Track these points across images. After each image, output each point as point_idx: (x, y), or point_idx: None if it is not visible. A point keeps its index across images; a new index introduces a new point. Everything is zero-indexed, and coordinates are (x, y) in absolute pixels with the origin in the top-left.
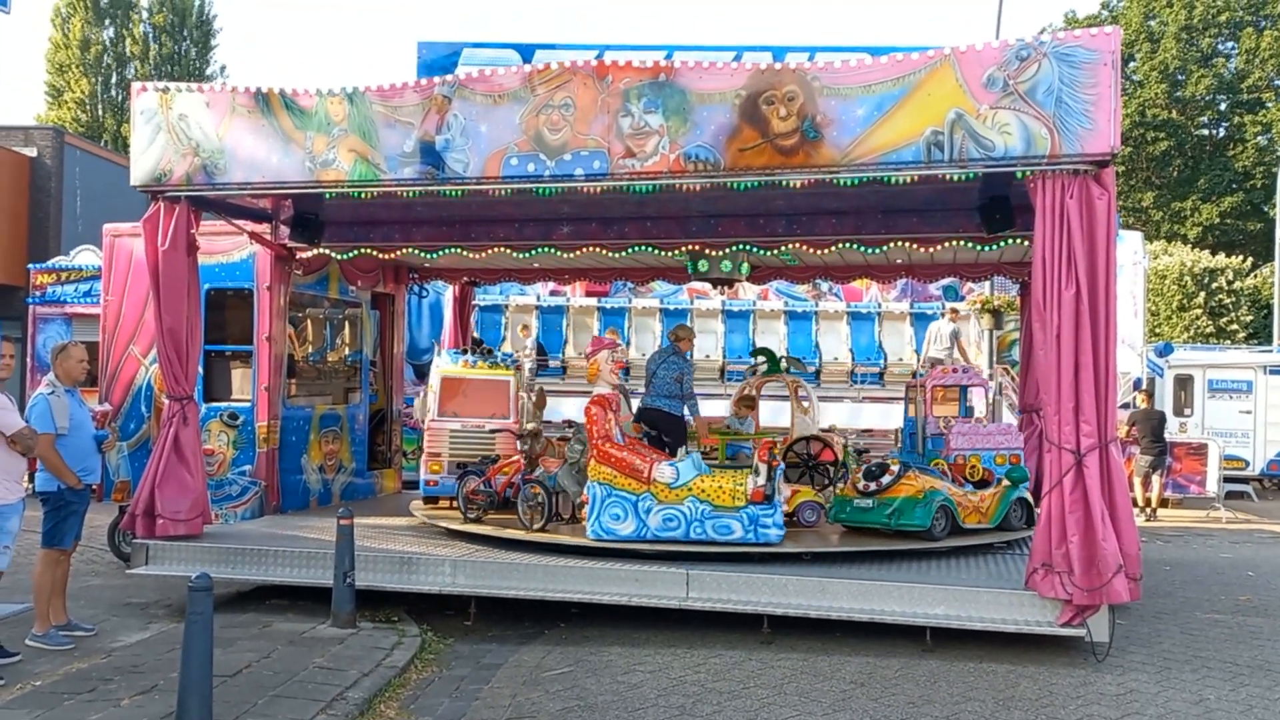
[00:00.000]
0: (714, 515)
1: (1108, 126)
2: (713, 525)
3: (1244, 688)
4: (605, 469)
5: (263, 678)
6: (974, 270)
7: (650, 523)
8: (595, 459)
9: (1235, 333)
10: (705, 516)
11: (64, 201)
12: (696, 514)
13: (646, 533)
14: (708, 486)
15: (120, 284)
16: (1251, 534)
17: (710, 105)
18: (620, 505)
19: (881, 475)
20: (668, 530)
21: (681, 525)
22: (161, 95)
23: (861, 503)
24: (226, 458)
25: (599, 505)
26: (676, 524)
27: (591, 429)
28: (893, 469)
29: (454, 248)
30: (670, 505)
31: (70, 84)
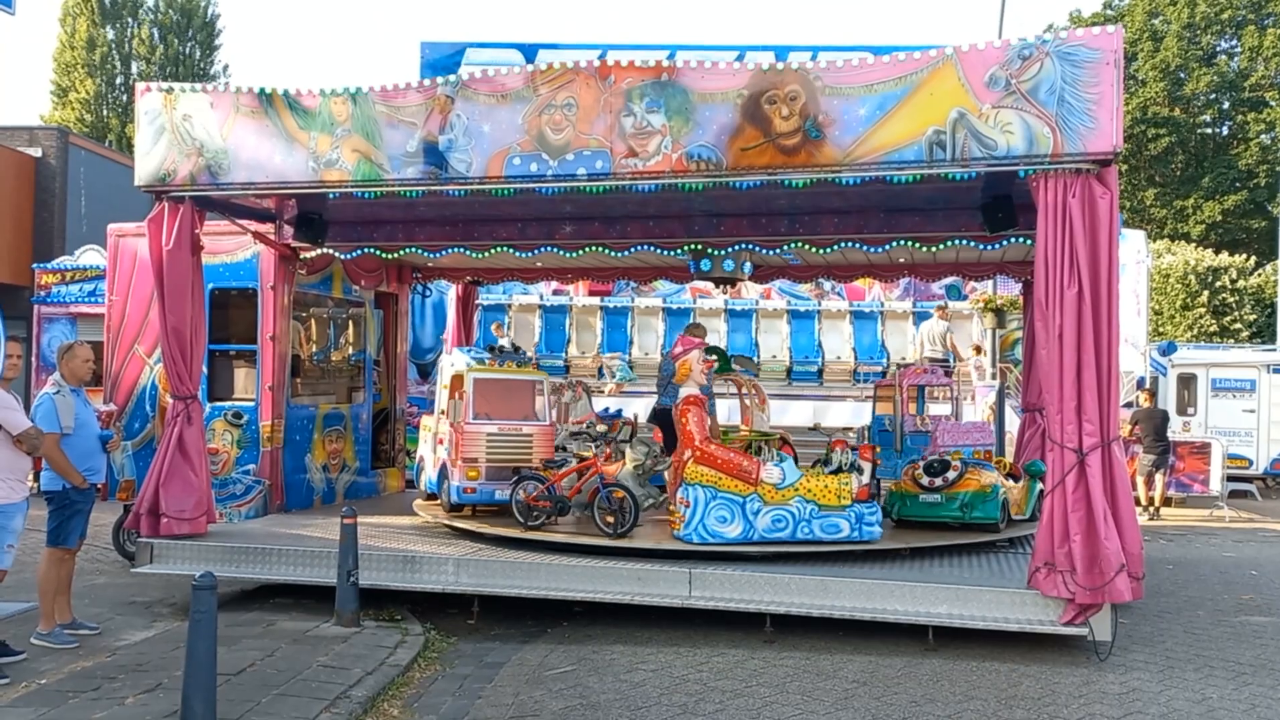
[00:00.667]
0: (821, 515)
1: (1110, 125)
2: (820, 525)
3: (1247, 687)
4: (708, 471)
5: (266, 676)
6: (976, 269)
7: (758, 524)
8: (696, 460)
9: (1239, 332)
10: (813, 516)
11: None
12: (804, 514)
13: (754, 534)
14: (813, 486)
15: (125, 284)
16: (1255, 533)
17: (712, 105)
18: (727, 507)
19: (945, 471)
20: (776, 531)
21: (789, 526)
22: (165, 96)
23: (928, 498)
24: (230, 457)
25: (702, 508)
26: (785, 524)
27: (692, 430)
28: (955, 465)
29: (457, 247)
30: (778, 506)
31: (76, 84)
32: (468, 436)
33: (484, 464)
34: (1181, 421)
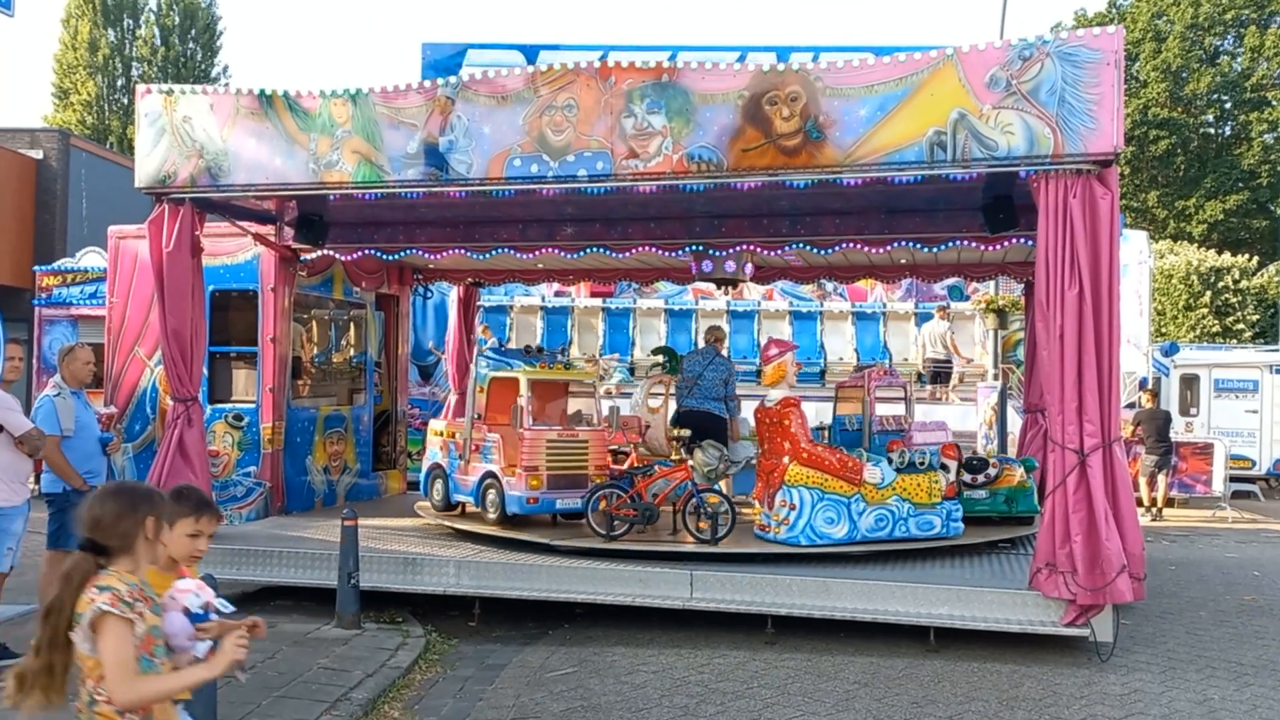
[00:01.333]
0: (917, 513)
1: (1110, 126)
2: (916, 523)
3: (1249, 688)
4: (813, 472)
5: (267, 678)
6: (978, 270)
7: (862, 524)
8: (803, 462)
9: (1241, 332)
10: (910, 514)
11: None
12: (902, 512)
13: (857, 534)
14: (908, 485)
15: (125, 286)
16: (1257, 533)
17: (713, 106)
18: (834, 508)
19: (986, 468)
20: (877, 530)
21: (889, 524)
22: (166, 98)
23: (974, 494)
24: (231, 459)
25: (809, 510)
26: (885, 523)
27: (796, 432)
28: (994, 463)
29: (458, 249)
30: (880, 505)
31: (77, 86)
32: (529, 443)
33: (544, 472)
34: (1184, 422)
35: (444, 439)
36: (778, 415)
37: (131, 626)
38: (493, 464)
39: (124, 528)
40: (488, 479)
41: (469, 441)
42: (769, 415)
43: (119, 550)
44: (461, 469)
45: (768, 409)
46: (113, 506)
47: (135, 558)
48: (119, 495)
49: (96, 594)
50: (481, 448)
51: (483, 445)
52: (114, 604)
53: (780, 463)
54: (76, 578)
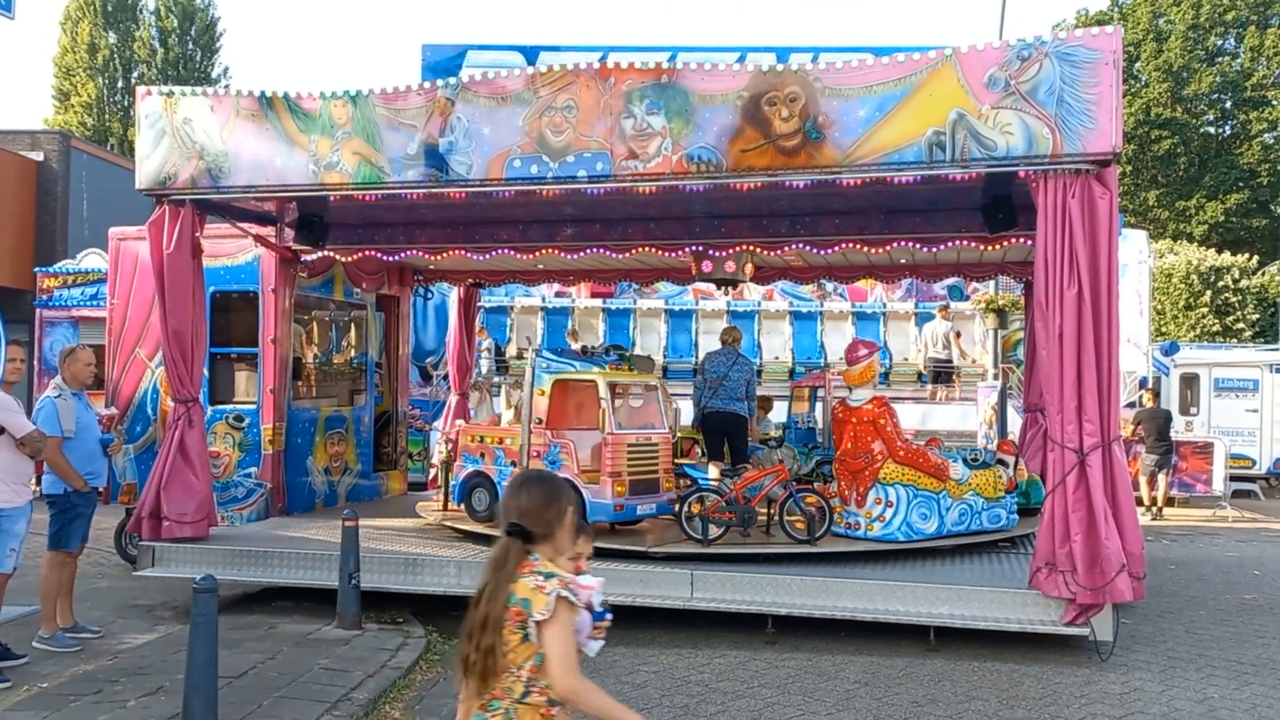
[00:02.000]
0: (989, 506)
1: (1109, 126)
2: (987, 515)
3: (1248, 686)
4: (908, 470)
5: (268, 679)
6: (977, 270)
7: (948, 519)
8: (900, 460)
9: (1241, 331)
10: (983, 508)
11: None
12: (978, 506)
13: (943, 528)
14: (980, 481)
15: (126, 287)
16: (1258, 533)
17: (712, 106)
18: (926, 504)
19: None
20: (959, 524)
21: (969, 518)
22: (166, 99)
23: None
24: (232, 460)
25: (905, 507)
26: (965, 518)
27: (891, 431)
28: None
29: (458, 249)
30: (961, 500)
31: (77, 88)
32: (614, 448)
33: (627, 477)
34: (1184, 421)
35: (485, 444)
36: (870, 415)
37: (576, 616)
38: (562, 470)
39: (548, 516)
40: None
41: (528, 447)
42: (857, 414)
43: (542, 538)
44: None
45: (855, 408)
46: (539, 494)
47: (555, 547)
48: (543, 483)
49: (543, 580)
50: (544, 454)
51: (546, 452)
52: (567, 589)
53: (871, 461)
54: (511, 563)
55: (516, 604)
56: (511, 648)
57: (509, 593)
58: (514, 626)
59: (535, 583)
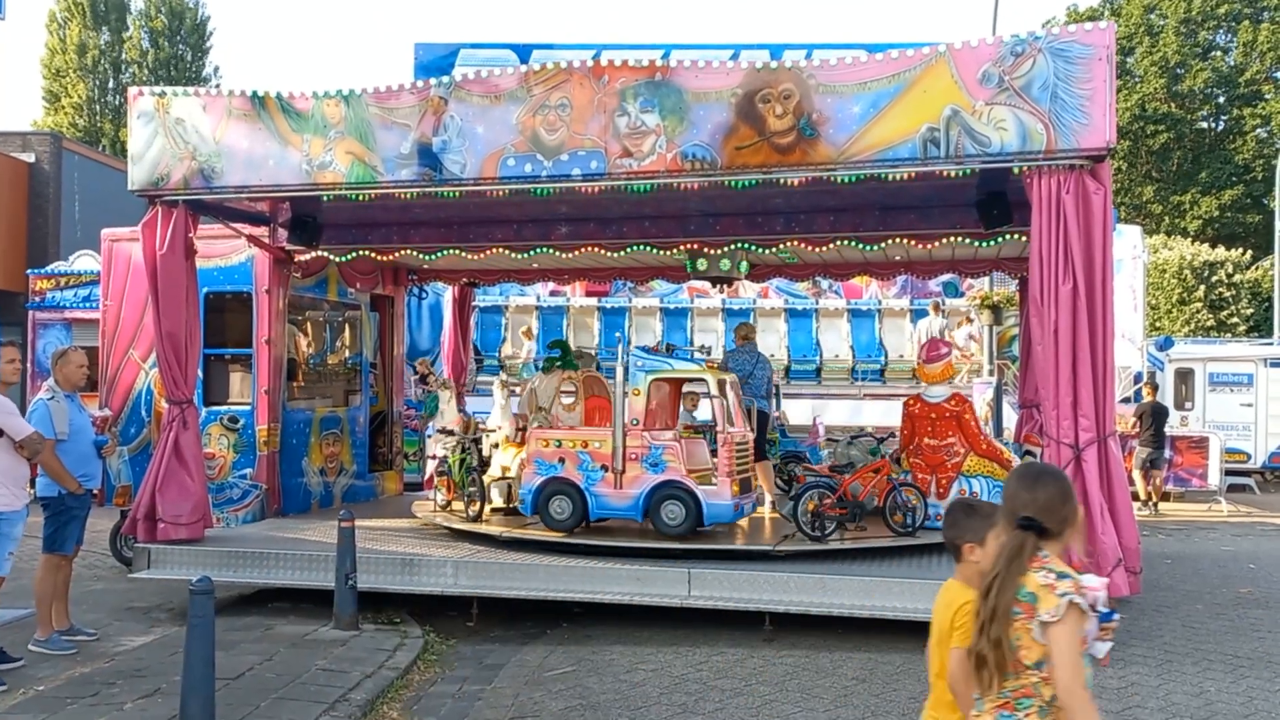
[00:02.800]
0: None
1: (1103, 121)
2: None
3: (1245, 680)
4: (988, 462)
5: (265, 680)
6: (973, 266)
7: None
8: (979, 453)
9: (1236, 326)
10: None
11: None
12: None
13: None
14: None
15: (119, 288)
16: (1253, 527)
17: (706, 104)
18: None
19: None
20: None
21: None
22: (158, 99)
23: None
24: (227, 461)
25: (986, 497)
26: None
27: (973, 426)
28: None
29: (452, 249)
30: None
31: (67, 89)
32: (730, 447)
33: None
34: (1179, 416)
35: (565, 449)
36: (952, 410)
37: (1086, 622)
38: (668, 473)
39: (1065, 513)
40: (663, 491)
41: (623, 450)
42: (937, 409)
43: (1054, 535)
44: (610, 482)
45: (935, 403)
46: (1055, 490)
47: (1062, 544)
48: (1058, 479)
49: (1055, 579)
50: (644, 457)
51: (646, 454)
52: (1079, 594)
53: (953, 454)
54: (1025, 556)
55: (1025, 598)
56: (1024, 644)
57: (1018, 585)
58: (1025, 622)
59: (1046, 580)
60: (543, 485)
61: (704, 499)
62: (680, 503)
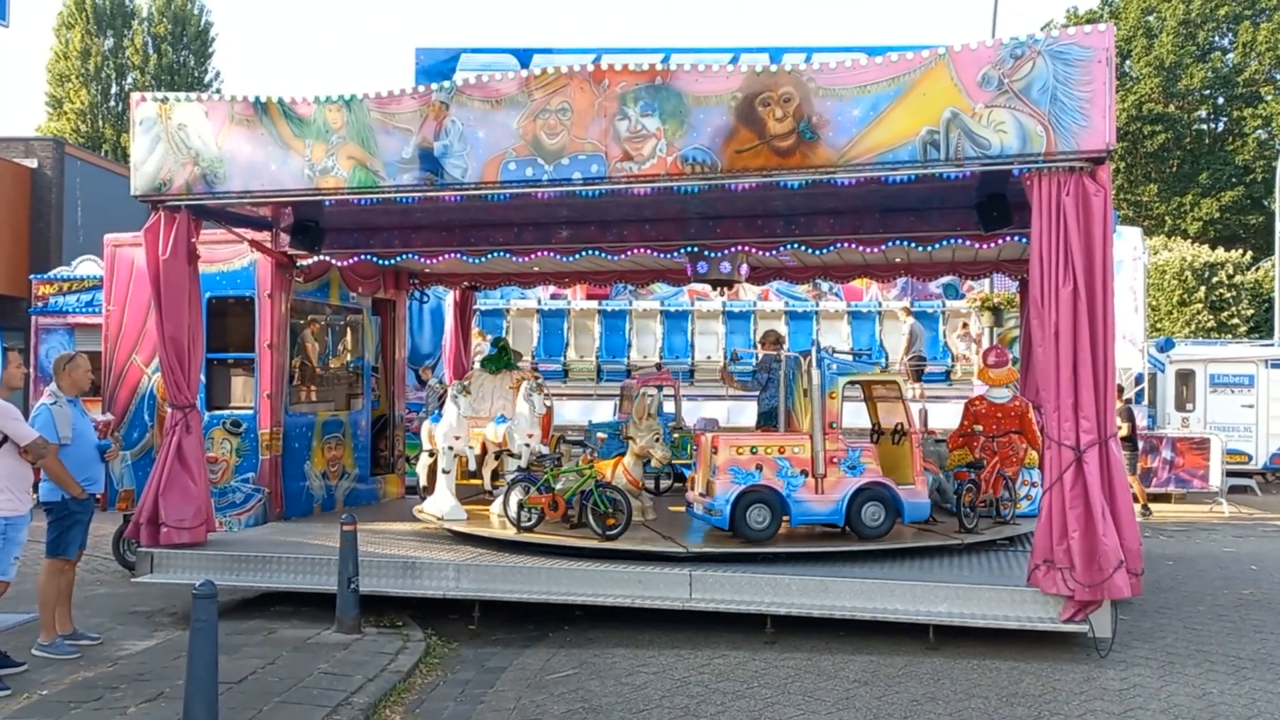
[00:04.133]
0: None
1: (1103, 123)
2: None
3: (1247, 681)
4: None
5: (268, 684)
6: (973, 268)
7: None
8: (1036, 448)
9: (1236, 327)
10: None
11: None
12: None
13: None
14: None
15: (122, 293)
16: (1254, 527)
17: (706, 107)
18: None
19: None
20: None
21: None
22: (160, 105)
23: None
24: (230, 465)
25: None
26: None
27: (1036, 424)
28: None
29: (454, 253)
30: None
31: (70, 94)
32: (919, 447)
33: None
34: (1180, 417)
35: (761, 455)
36: (1018, 409)
37: None
38: (867, 475)
39: None
40: (863, 493)
41: (823, 454)
42: (1003, 409)
43: None
44: (812, 487)
45: (1002, 404)
46: None
47: None
48: None
49: None
50: (842, 459)
51: (844, 457)
52: None
53: (1017, 449)
54: None
55: None
56: None
57: None
58: None
59: None
60: (741, 494)
61: (904, 499)
62: (881, 504)
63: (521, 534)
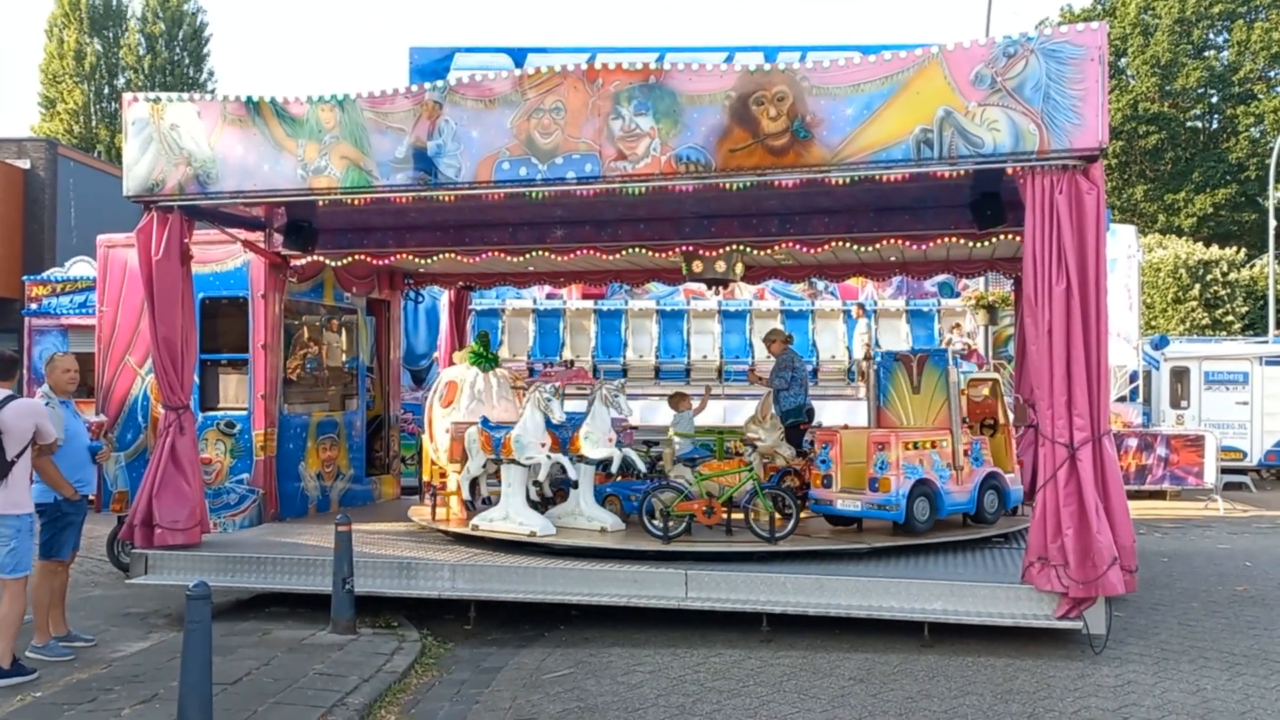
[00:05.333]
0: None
1: (1095, 122)
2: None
3: (1241, 677)
4: None
5: (263, 685)
6: (967, 267)
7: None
8: None
9: (1231, 324)
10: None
11: (58, 213)
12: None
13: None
14: None
15: (115, 294)
16: (1249, 524)
17: (700, 107)
18: None
19: None
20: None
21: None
22: (153, 105)
23: None
24: (224, 466)
25: None
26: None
27: None
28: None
29: (448, 252)
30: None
31: (63, 95)
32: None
33: None
34: (1175, 415)
35: (921, 450)
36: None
37: None
38: (986, 466)
39: None
40: (986, 482)
41: (962, 448)
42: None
43: None
44: (954, 479)
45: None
46: None
47: None
48: None
49: None
50: (970, 451)
51: (970, 449)
52: None
53: None
54: None
55: None
56: None
57: None
58: None
59: None
60: (912, 488)
61: (1008, 487)
62: (996, 492)
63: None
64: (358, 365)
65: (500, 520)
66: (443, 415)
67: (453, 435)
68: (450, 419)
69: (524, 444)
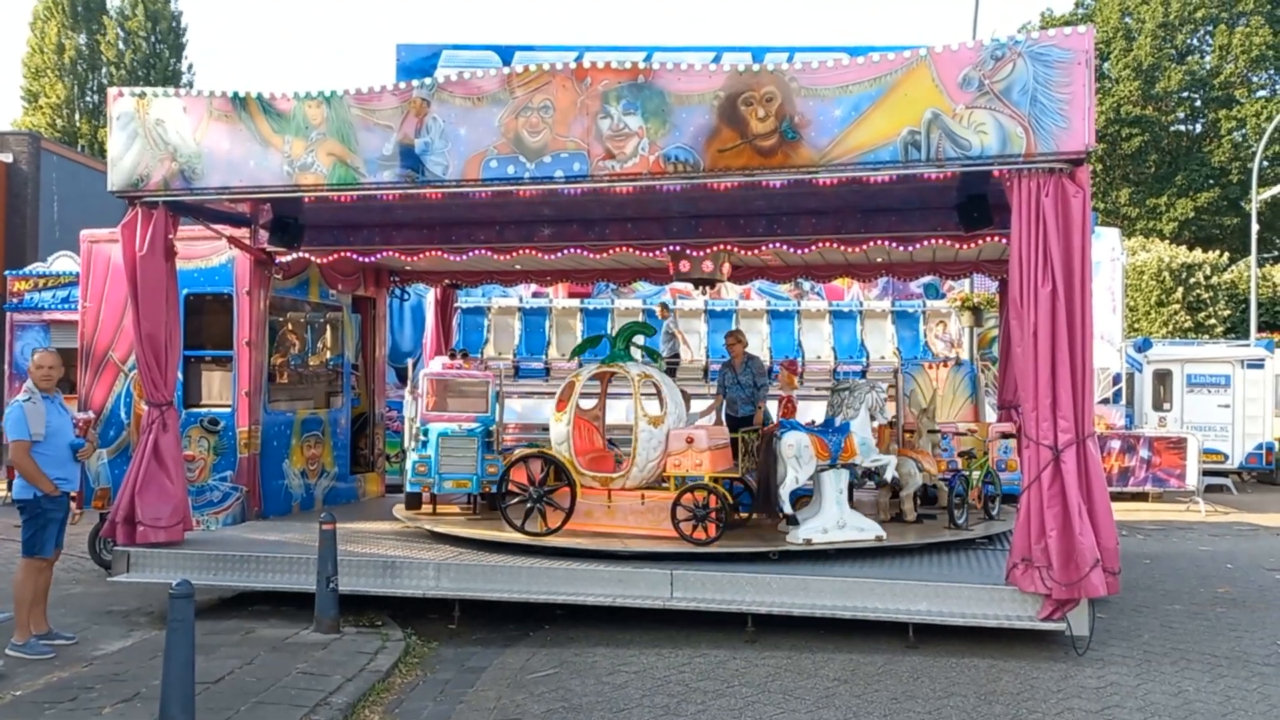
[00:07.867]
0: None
1: (1082, 125)
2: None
3: (1222, 679)
4: None
5: (245, 684)
6: (953, 269)
7: None
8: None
9: (1213, 327)
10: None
11: (41, 207)
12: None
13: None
14: None
15: (98, 290)
16: (1230, 526)
17: (689, 106)
18: None
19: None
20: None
21: None
22: (138, 100)
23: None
24: (207, 464)
25: None
26: None
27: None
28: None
29: (435, 250)
30: None
31: (46, 89)
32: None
33: None
34: (1158, 417)
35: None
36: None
37: None
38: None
39: None
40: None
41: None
42: None
43: None
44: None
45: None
46: None
47: None
48: None
49: None
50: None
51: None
52: None
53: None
54: None
55: None
56: None
57: None
58: None
59: None
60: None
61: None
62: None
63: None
64: (343, 363)
65: (836, 530)
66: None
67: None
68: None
69: (870, 446)
